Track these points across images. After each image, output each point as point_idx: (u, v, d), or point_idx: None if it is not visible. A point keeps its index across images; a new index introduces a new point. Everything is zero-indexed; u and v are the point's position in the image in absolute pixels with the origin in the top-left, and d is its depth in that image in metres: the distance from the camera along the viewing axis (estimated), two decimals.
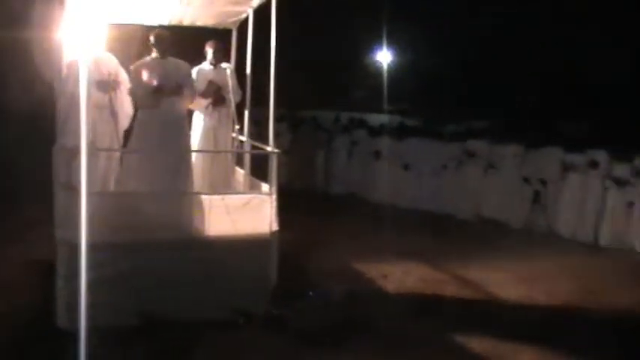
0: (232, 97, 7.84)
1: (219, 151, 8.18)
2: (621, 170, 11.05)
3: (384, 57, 26.77)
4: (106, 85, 7.12)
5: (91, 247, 3.89)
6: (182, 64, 7.29)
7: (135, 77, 7.03)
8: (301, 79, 20.91)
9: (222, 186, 7.86)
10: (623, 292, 8.30)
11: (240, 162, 8.27)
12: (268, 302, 6.32)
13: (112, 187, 7.20)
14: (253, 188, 7.39)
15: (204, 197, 6.60)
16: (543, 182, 11.90)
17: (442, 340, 6.07)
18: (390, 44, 25.67)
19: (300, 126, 16.27)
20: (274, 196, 6.61)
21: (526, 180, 12.12)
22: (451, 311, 7.03)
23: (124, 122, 7.38)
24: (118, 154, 7.26)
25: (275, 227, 6.61)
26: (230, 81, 7.86)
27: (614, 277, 9.07)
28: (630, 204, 10.87)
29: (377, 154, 13.96)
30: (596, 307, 7.61)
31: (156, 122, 6.89)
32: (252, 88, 8.11)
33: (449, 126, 15.23)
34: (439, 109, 20.15)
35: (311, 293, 6.79)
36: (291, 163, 14.95)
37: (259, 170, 7.44)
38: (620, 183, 10.98)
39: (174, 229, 6.28)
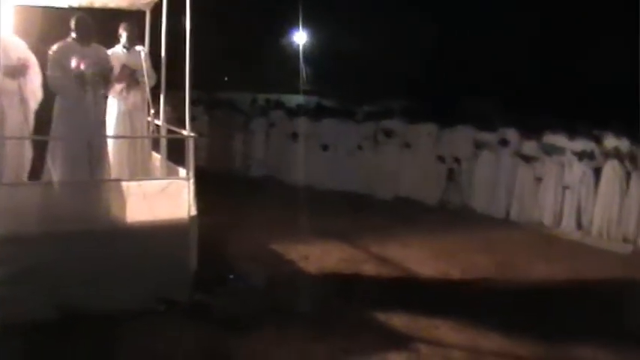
0: (147, 81, 7.69)
1: (134, 137, 8.02)
2: (530, 147, 11.47)
3: (300, 38, 26.78)
4: (14, 71, 6.89)
5: (4, 240, 3.79)
6: (102, 49, 7.12)
7: (54, 62, 6.74)
8: (217, 61, 20.69)
9: (139, 172, 7.73)
10: (535, 264, 8.69)
11: (156, 147, 8.14)
12: (190, 289, 6.27)
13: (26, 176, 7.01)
14: (170, 173, 7.27)
15: (120, 184, 6.49)
16: (457, 160, 12.25)
17: (364, 319, 6.17)
18: (306, 25, 25.68)
19: (216, 108, 16.08)
20: (192, 181, 6.54)
21: (440, 158, 12.44)
22: (372, 289, 7.16)
23: (33, 107, 7.17)
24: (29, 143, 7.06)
25: (194, 212, 6.53)
26: (144, 64, 7.69)
27: (526, 250, 9.46)
28: (538, 179, 11.34)
29: (294, 136, 13.96)
30: (509, 279, 7.97)
31: (77, 109, 6.70)
32: (168, 70, 7.96)
33: (365, 106, 15.38)
34: (355, 89, 20.32)
35: (232, 277, 6.78)
36: (209, 146, 14.82)
37: (176, 154, 7.30)
38: (528, 159, 11.40)
39: (90, 219, 6.13)
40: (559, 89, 19.16)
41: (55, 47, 6.81)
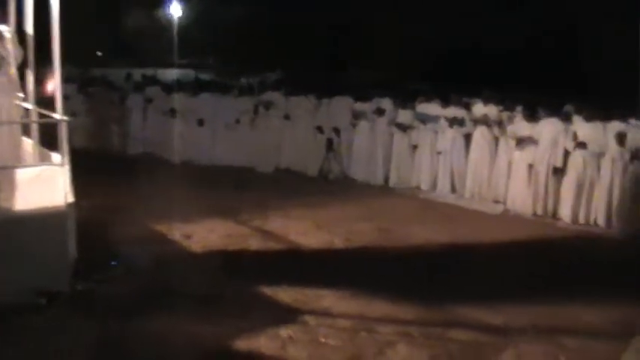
0: (12, 62, 7.31)
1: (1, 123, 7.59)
2: (405, 116, 11.83)
3: (175, 10, 26.12)
4: None
5: None
6: None
7: None
8: (90, 35, 19.88)
9: (9, 159, 7.34)
10: (414, 229, 9.04)
11: (27, 131, 7.75)
12: (71, 278, 6.09)
13: None
14: (44, 159, 6.93)
15: None
16: (336, 131, 12.44)
17: (251, 295, 6.22)
18: None
19: (90, 86, 15.50)
20: (67, 167, 6.29)
21: (319, 129, 12.59)
22: (257, 264, 7.24)
23: None
24: None
25: (70, 198, 6.31)
26: (9, 44, 7.30)
27: (405, 215, 9.82)
28: (414, 147, 11.75)
29: (172, 112, 13.71)
30: (391, 245, 8.26)
31: None
32: (36, 48, 7.55)
33: (243, 79, 15.30)
34: (233, 62, 20.15)
35: (115, 262, 6.64)
36: (85, 126, 14.34)
37: (49, 137, 6.97)
38: (404, 128, 11.76)
39: None
40: (432, 58, 19.75)
41: None
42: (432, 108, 11.81)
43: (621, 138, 9.39)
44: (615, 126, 9.67)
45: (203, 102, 13.61)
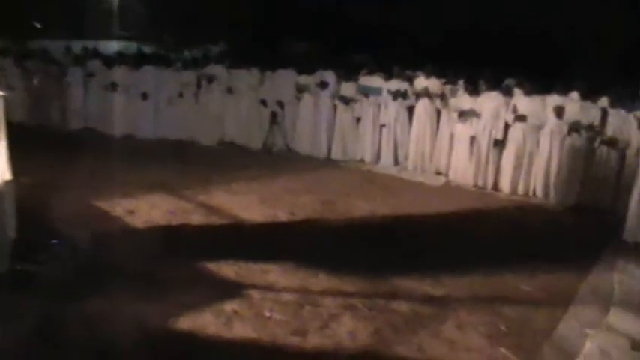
0: None
1: None
2: (348, 89, 11.85)
3: None
4: None
5: None
6: None
7: None
8: (27, 6, 19.20)
9: None
10: (358, 201, 9.11)
11: None
12: (10, 259, 5.91)
13: None
14: None
15: None
16: (280, 104, 12.38)
17: (195, 271, 6.17)
18: None
19: (28, 59, 14.98)
20: (4, 143, 6.08)
21: (263, 102, 12.51)
22: (201, 240, 7.16)
23: None
24: None
25: (8, 176, 6.12)
26: None
27: (349, 188, 9.87)
28: (357, 120, 11.79)
29: (113, 86, 13.40)
30: (335, 218, 8.29)
31: None
32: None
33: (186, 51, 15.04)
34: (176, 34, 19.74)
35: (56, 241, 6.48)
36: (23, 101, 13.88)
37: None
38: (347, 101, 11.78)
39: None
40: (375, 31, 19.73)
41: None
42: (375, 81, 11.87)
43: (559, 111, 9.60)
44: (554, 100, 9.89)
45: (146, 75, 13.32)
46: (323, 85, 12.00)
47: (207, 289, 5.72)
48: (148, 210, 8.07)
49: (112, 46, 17.09)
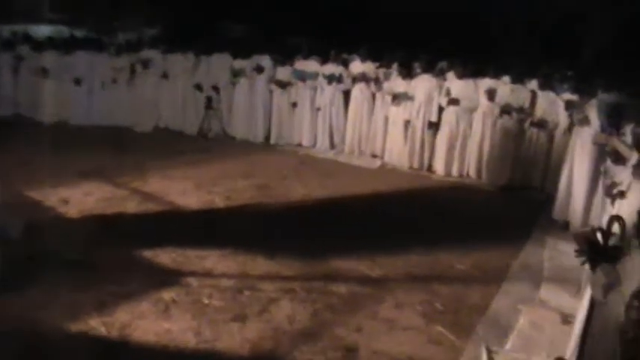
0: None
1: None
2: (284, 73, 11.83)
3: None
4: None
5: None
6: None
7: None
8: None
9: None
10: (294, 185, 9.16)
11: None
12: None
13: None
14: None
15: None
16: (215, 88, 12.27)
17: (131, 259, 6.09)
18: None
19: None
20: None
21: (198, 87, 12.37)
22: (136, 227, 7.07)
23: None
24: None
25: None
26: None
27: (285, 172, 9.90)
28: (293, 104, 11.79)
29: (44, 71, 13.03)
30: (272, 202, 8.31)
31: None
32: None
33: (120, 35, 14.72)
34: (109, 17, 19.26)
35: None
36: None
37: None
38: (283, 85, 11.76)
39: None
40: (311, 16, 19.68)
41: None
42: (310, 65, 11.88)
43: (491, 94, 9.80)
44: (486, 82, 10.09)
45: (78, 60, 12.99)
46: (259, 69, 11.94)
47: (144, 278, 5.65)
48: (82, 198, 7.91)
49: (43, 30, 16.56)
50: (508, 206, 9.02)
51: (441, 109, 10.33)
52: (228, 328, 4.86)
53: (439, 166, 10.37)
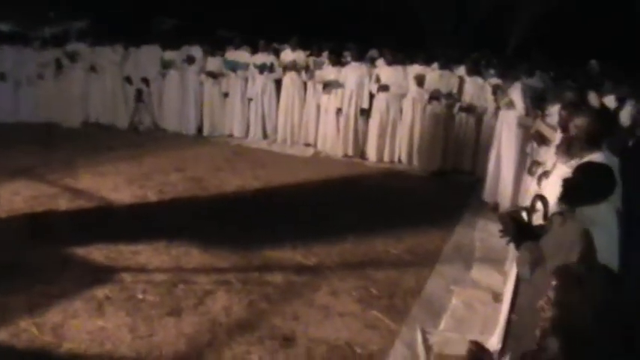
0: None
1: None
2: (214, 64, 11.73)
3: None
4: None
5: None
6: None
7: None
8: None
9: None
10: (226, 177, 9.13)
11: None
12: None
13: None
14: None
15: None
16: (145, 81, 12.07)
17: (61, 257, 5.94)
18: None
19: None
20: None
21: (128, 80, 12.15)
22: (68, 225, 6.91)
23: None
24: None
25: None
26: None
27: (218, 164, 9.85)
28: (225, 95, 11.73)
29: None
30: (204, 194, 8.28)
31: None
32: None
33: (46, 28, 14.31)
34: (34, 9, 18.68)
35: None
36: None
37: None
38: (214, 76, 11.67)
39: None
40: (243, 6, 19.58)
41: None
42: (241, 55, 11.83)
43: (420, 80, 9.95)
44: (415, 69, 10.24)
45: (3, 55, 12.50)
46: (189, 60, 11.81)
47: (76, 276, 5.53)
48: (10, 198, 7.68)
49: None
50: (439, 190, 9.22)
51: (372, 96, 10.45)
52: (164, 323, 4.83)
53: (371, 153, 10.50)
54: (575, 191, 3.54)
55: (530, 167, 5.75)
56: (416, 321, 5.07)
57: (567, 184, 3.58)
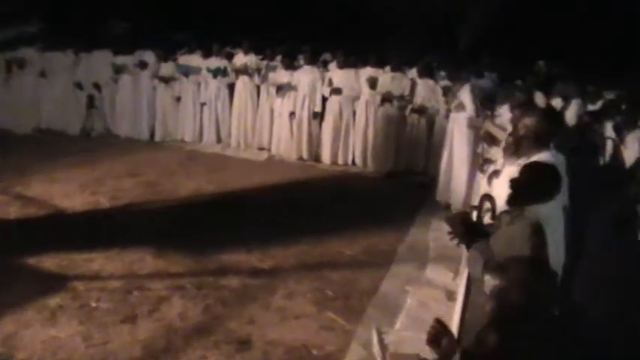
0: None
1: None
2: (167, 69, 11.65)
3: None
4: None
5: None
6: None
7: None
8: None
9: None
10: (181, 181, 9.08)
11: None
12: None
13: None
14: None
15: None
16: (97, 86, 11.91)
17: (13, 266, 5.84)
18: None
19: None
20: None
21: (79, 85, 11.97)
22: (18, 233, 6.80)
23: None
24: None
25: None
26: None
27: (172, 169, 9.80)
28: (178, 99, 11.65)
29: None
30: (159, 200, 8.21)
31: None
32: None
33: None
34: None
35: None
36: None
37: None
38: (167, 80, 11.59)
39: None
40: (196, 10, 19.50)
41: None
42: (194, 59, 11.77)
43: (373, 82, 10.03)
44: (367, 71, 10.32)
45: None
46: (142, 65, 11.69)
47: (28, 286, 5.46)
48: None
49: None
50: (393, 191, 9.31)
51: (324, 100, 10.50)
52: (119, 330, 4.80)
53: (325, 156, 10.56)
54: (521, 191, 3.62)
55: (482, 165, 5.86)
56: (371, 321, 5.11)
57: (514, 184, 3.66)
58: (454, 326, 4.49)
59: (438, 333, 2.69)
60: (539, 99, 7.71)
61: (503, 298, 2.54)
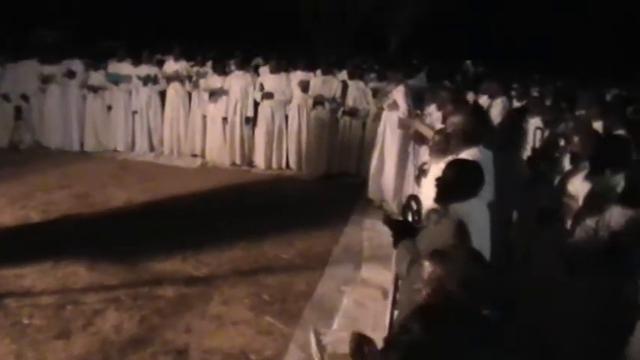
0: None
1: None
2: (96, 77, 11.47)
3: None
4: None
5: None
6: None
7: None
8: None
9: None
10: (114, 192, 8.97)
11: None
12: None
13: None
14: None
15: None
16: (24, 97, 11.62)
17: None
18: None
19: None
20: None
21: (5, 97, 11.65)
22: None
23: None
24: None
25: None
26: None
27: (104, 179, 9.65)
28: (109, 108, 11.49)
29: None
30: (91, 212, 8.08)
31: None
32: None
33: None
34: None
35: None
36: None
37: None
38: (96, 89, 11.42)
39: None
40: (125, 17, 19.27)
41: None
42: (124, 67, 11.62)
43: (304, 86, 10.12)
44: (298, 75, 10.41)
45: None
46: (70, 74, 11.47)
47: None
48: None
49: None
50: (327, 194, 9.41)
51: (257, 104, 10.54)
52: (53, 347, 4.72)
53: (259, 161, 10.61)
54: (445, 189, 3.74)
55: (418, 177, 5.93)
56: (309, 323, 5.18)
57: (438, 182, 3.77)
58: (386, 324, 4.59)
59: (358, 344, 2.70)
60: (469, 97, 7.93)
61: (438, 286, 2.55)
